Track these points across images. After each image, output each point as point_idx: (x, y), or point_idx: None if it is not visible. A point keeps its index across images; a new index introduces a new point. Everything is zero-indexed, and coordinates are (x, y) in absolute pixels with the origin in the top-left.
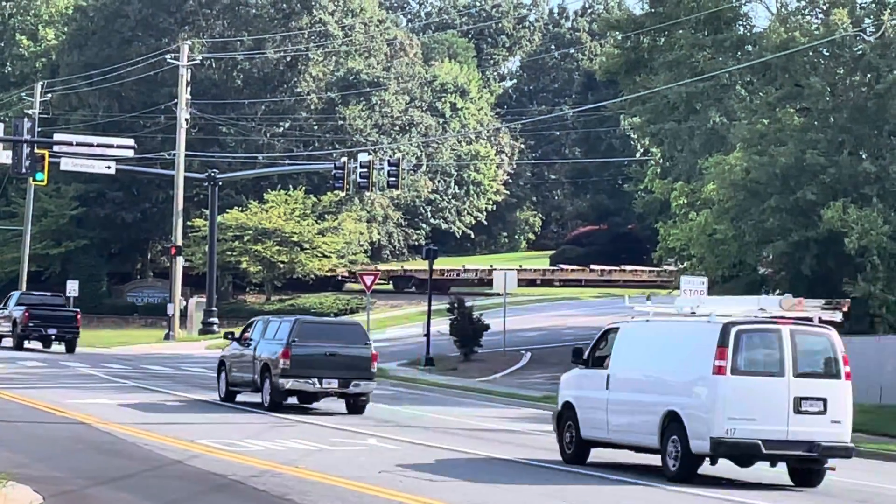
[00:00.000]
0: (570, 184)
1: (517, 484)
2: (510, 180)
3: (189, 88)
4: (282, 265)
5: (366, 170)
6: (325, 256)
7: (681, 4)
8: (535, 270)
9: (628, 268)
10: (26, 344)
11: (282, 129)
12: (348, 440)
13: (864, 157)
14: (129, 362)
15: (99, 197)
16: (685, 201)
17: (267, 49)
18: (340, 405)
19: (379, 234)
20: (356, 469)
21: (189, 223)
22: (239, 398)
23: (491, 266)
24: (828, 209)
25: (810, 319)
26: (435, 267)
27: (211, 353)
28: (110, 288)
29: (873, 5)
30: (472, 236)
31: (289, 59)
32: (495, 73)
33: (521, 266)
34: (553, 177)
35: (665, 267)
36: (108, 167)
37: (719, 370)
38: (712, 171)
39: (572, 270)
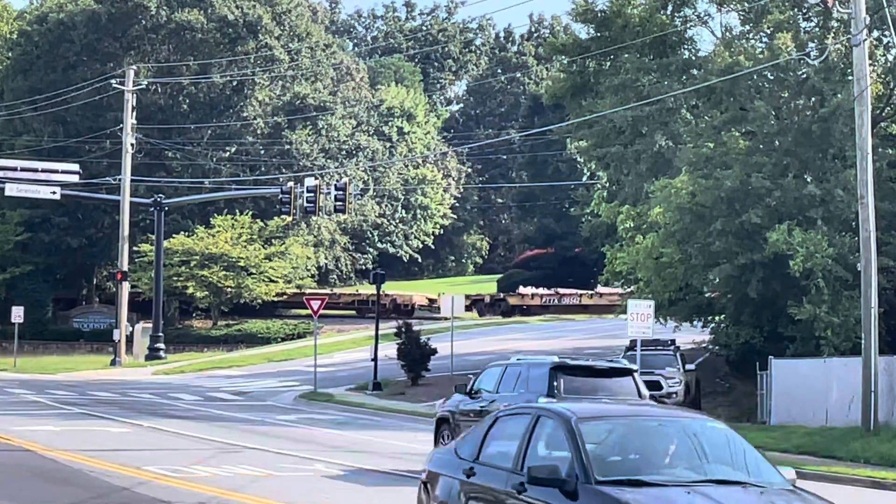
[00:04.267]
0: (517, 208)
1: None
2: (457, 204)
3: (135, 113)
4: (228, 290)
5: (312, 194)
6: (272, 281)
7: (626, 29)
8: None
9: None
10: None
11: (228, 153)
12: (295, 466)
13: (808, 180)
14: (75, 388)
15: (44, 222)
16: (631, 225)
17: (213, 74)
18: (297, 430)
19: (326, 258)
20: (302, 495)
21: (135, 248)
22: (200, 430)
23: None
24: (773, 232)
25: None
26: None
27: (158, 379)
28: (56, 314)
29: (817, 29)
30: (420, 260)
31: (235, 83)
32: (442, 98)
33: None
34: (500, 201)
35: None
36: (54, 192)
37: None
38: (658, 194)
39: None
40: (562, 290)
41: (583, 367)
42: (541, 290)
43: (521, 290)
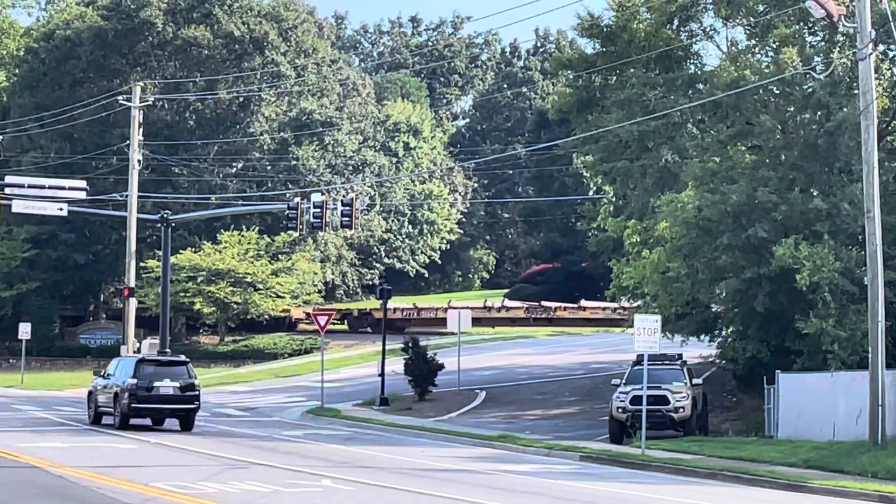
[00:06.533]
0: (524, 222)
1: None
2: (464, 219)
3: (141, 129)
4: (235, 306)
5: (319, 210)
6: (278, 297)
7: (632, 43)
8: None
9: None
10: None
11: (235, 169)
12: (302, 482)
13: (815, 194)
14: (82, 405)
15: (51, 239)
16: (638, 239)
17: (219, 90)
18: (304, 446)
19: (333, 274)
20: None
21: (142, 264)
22: (207, 445)
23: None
24: (779, 246)
25: None
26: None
27: None
28: (63, 330)
29: (823, 44)
30: (427, 275)
31: (241, 99)
32: (448, 113)
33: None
34: (506, 215)
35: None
36: (61, 209)
37: None
38: (665, 209)
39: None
40: (420, 305)
41: (156, 361)
42: (402, 305)
43: (415, 302)
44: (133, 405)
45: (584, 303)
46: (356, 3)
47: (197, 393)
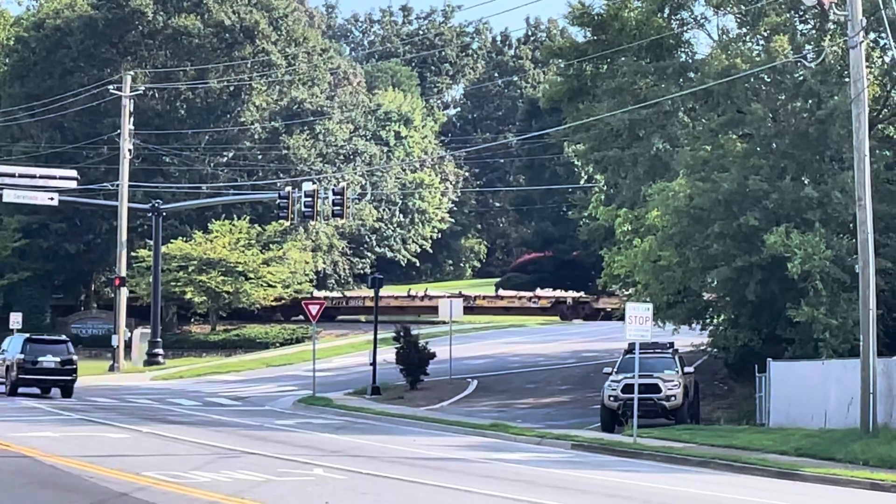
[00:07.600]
0: (515, 211)
1: None
2: (455, 208)
3: (132, 119)
4: (227, 295)
5: (310, 199)
6: (270, 286)
7: (623, 32)
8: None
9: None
10: None
11: (226, 158)
12: (295, 470)
13: (806, 182)
14: (74, 394)
15: (42, 228)
16: (629, 228)
17: (210, 79)
18: (296, 435)
19: (324, 263)
20: (303, 499)
21: (133, 254)
22: (198, 435)
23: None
24: (771, 234)
25: None
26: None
27: (156, 385)
28: (54, 320)
29: (814, 32)
30: (418, 264)
31: (232, 88)
32: (439, 102)
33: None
34: (497, 204)
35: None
36: (52, 198)
37: None
38: (656, 197)
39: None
40: (348, 294)
41: (41, 339)
42: (333, 294)
43: (315, 293)
44: (20, 376)
45: (501, 292)
46: None
47: (75, 367)
